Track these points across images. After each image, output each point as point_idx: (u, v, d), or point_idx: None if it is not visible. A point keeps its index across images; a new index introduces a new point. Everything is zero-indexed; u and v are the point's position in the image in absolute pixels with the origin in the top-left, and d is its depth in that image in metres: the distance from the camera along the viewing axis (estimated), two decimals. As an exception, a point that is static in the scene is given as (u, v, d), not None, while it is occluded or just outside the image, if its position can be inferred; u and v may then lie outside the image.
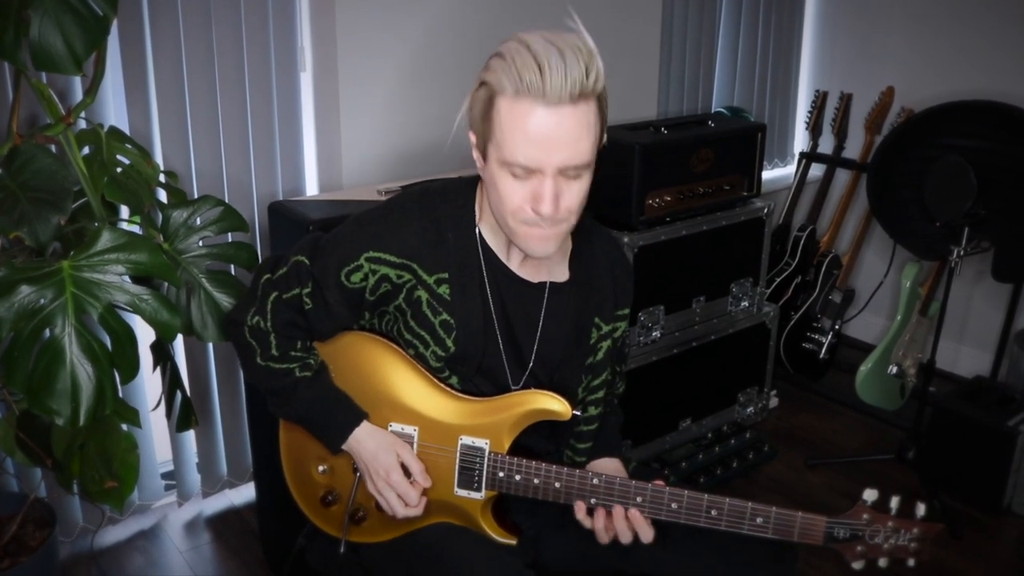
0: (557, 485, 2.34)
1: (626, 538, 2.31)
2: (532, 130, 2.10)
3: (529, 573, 2.33)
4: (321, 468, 2.54)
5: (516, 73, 2.08)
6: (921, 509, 2.25)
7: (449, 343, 2.36)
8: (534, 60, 2.07)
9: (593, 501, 2.32)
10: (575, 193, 2.20)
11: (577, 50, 2.09)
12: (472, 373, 2.42)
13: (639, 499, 2.30)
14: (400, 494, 2.37)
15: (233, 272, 3.21)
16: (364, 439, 2.40)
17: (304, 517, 2.61)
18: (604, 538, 2.34)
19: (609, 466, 2.55)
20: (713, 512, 2.27)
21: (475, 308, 2.37)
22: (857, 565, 2.27)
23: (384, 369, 2.42)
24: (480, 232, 2.39)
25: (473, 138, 2.26)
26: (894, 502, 2.24)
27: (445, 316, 2.35)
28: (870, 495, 2.24)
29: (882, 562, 2.26)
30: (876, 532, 2.23)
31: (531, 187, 2.16)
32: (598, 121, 2.18)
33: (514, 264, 2.42)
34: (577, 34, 2.14)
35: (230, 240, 3.30)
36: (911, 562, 2.27)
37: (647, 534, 2.31)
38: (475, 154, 2.28)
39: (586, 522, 2.36)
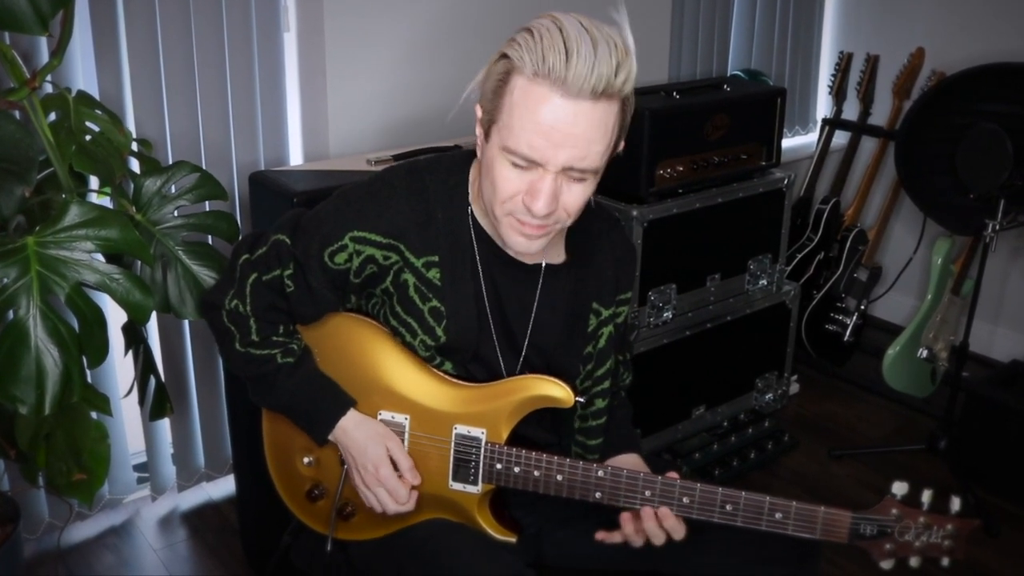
0: (559, 478, 2.34)
1: (659, 539, 2.31)
2: (543, 119, 2.08)
3: (530, 573, 2.33)
4: (307, 460, 2.54)
5: (540, 53, 2.05)
6: (956, 503, 2.24)
7: (439, 332, 2.35)
8: (563, 43, 2.04)
9: (598, 495, 2.32)
10: (576, 195, 2.19)
11: (612, 44, 2.06)
12: (467, 361, 2.43)
13: (647, 493, 2.30)
14: (389, 490, 2.37)
15: (212, 243, 3.21)
16: (351, 429, 2.40)
17: (289, 512, 2.62)
18: (637, 542, 2.34)
19: (629, 462, 2.53)
20: (728, 507, 2.27)
21: (467, 295, 2.37)
22: (886, 565, 2.26)
23: (373, 353, 2.42)
24: (472, 212, 2.39)
25: (479, 112, 2.24)
26: (926, 496, 2.23)
27: (435, 303, 2.34)
28: (899, 488, 2.23)
29: (913, 561, 2.26)
30: (906, 528, 2.23)
31: (529, 180, 2.15)
32: (617, 126, 2.17)
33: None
34: (619, 28, 2.11)
35: (208, 209, 3.30)
36: (945, 561, 2.26)
37: (679, 531, 2.31)
38: (477, 129, 2.26)
39: (614, 538, 2.37)
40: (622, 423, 2.72)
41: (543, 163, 2.11)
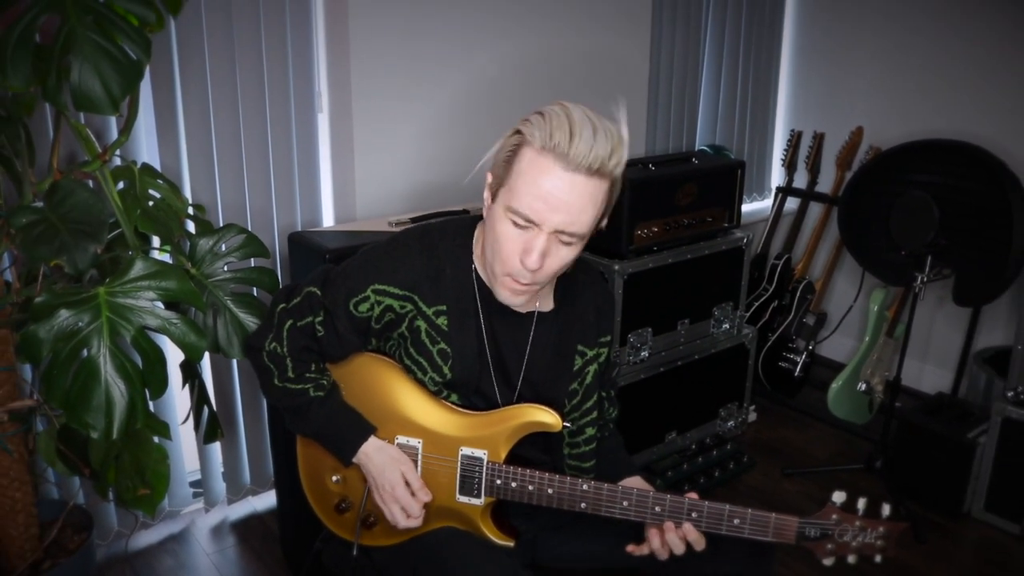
0: (550, 491, 2.35)
1: (679, 549, 2.32)
2: (544, 186, 2.12)
3: (526, 573, 2.34)
4: (335, 478, 2.55)
5: (549, 131, 2.11)
6: (886, 509, 2.26)
7: (446, 370, 2.38)
8: (569, 126, 2.11)
9: (583, 506, 2.33)
10: (561, 257, 2.23)
11: (609, 132, 2.14)
12: (470, 394, 2.44)
13: (625, 503, 2.31)
14: (403, 507, 2.38)
15: (256, 294, 3.21)
16: (372, 453, 2.41)
17: (320, 523, 2.63)
18: (663, 555, 2.34)
19: (635, 484, 2.52)
20: (693, 514, 2.28)
21: (470, 339, 2.39)
22: (828, 562, 2.28)
23: (391, 387, 2.44)
24: (476, 268, 2.41)
25: (489, 178, 2.28)
26: (861, 503, 2.26)
27: (443, 345, 2.37)
28: (839, 497, 2.26)
29: (851, 559, 2.27)
30: (845, 531, 2.24)
31: (525, 239, 2.19)
32: (605, 201, 2.21)
33: None
34: (617, 122, 2.19)
35: (252, 265, 3.31)
36: (878, 558, 2.28)
37: (700, 544, 2.32)
38: (486, 193, 2.30)
39: (642, 550, 2.38)
40: (617, 451, 2.74)
41: (539, 223, 2.15)
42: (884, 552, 2.27)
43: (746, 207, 5.83)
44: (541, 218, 2.14)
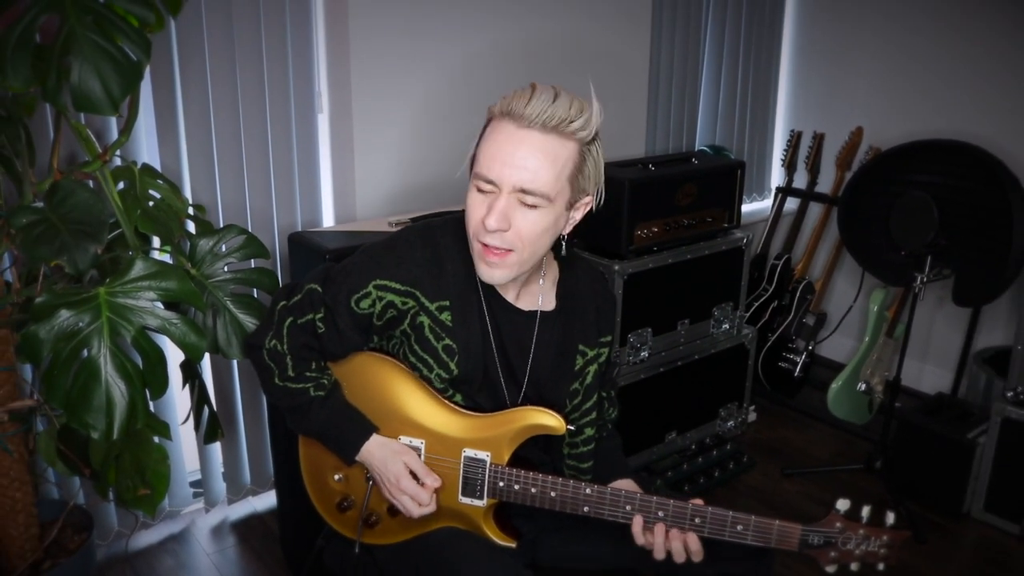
0: (553, 494, 2.34)
1: (680, 557, 2.31)
2: (498, 144, 2.16)
3: (527, 573, 2.34)
4: (337, 477, 2.54)
5: (510, 100, 2.16)
6: (891, 518, 2.24)
7: (452, 366, 2.36)
8: (530, 93, 2.14)
9: (586, 509, 2.32)
10: (529, 222, 2.21)
11: (574, 99, 2.15)
12: (475, 392, 2.43)
13: (628, 508, 2.30)
14: (412, 496, 2.37)
15: (256, 295, 3.20)
16: (375, 451, 2.40)
17: (322, 521, 2.62)
18: (660, 553, 2.32)
19: (627, 487, 2.52)
20: (697, 520, 2.27)
21: (475, 334, 2.38)
22: (830, 569, 2.26)
23: (393, 387, 2.43)
24: None
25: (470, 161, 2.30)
26: (865, 511, 2.24)
27: (448, 341, 2.35)
28: (843, 504, 2.24)
29: (854, 566, 2.26)
30: (848, 539, 2.23)
31: (488, 201, 2.20)
32: (571, 164, 2.20)
33: (510, 295, 2.43)
34: (591, 97, 2.19)
35: (253, 266, 3.30)
36: (881, 566, 2.26)
37: (699, 555, 2.31)
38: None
39: (642, 539, 2.35)
40: (613, 452, 2.73)
41: (498, 183, 2.16)
42: (887, 560, 2.25)
43: (746, 207, 5.82)
44: (498, 176, 2.16)
